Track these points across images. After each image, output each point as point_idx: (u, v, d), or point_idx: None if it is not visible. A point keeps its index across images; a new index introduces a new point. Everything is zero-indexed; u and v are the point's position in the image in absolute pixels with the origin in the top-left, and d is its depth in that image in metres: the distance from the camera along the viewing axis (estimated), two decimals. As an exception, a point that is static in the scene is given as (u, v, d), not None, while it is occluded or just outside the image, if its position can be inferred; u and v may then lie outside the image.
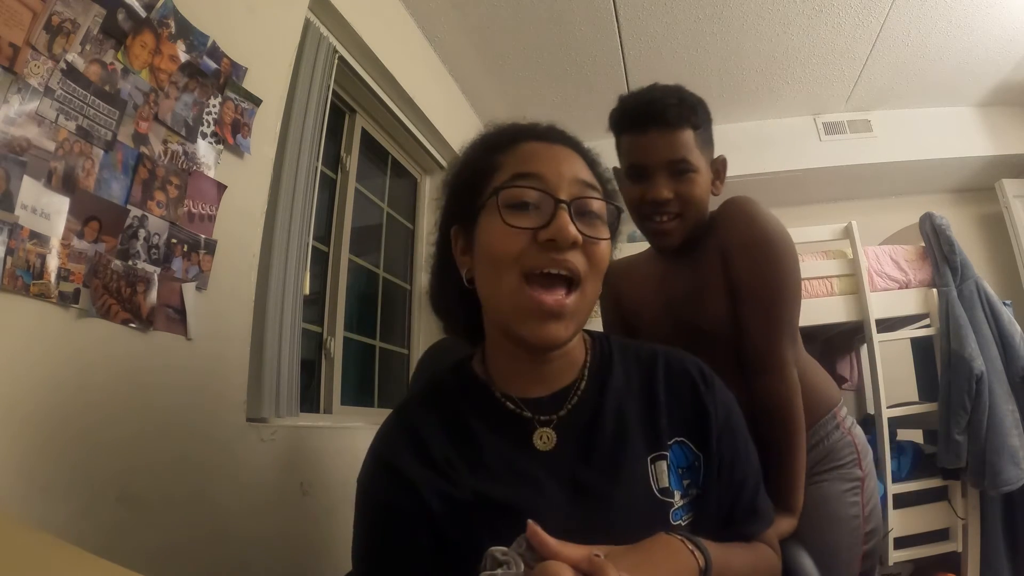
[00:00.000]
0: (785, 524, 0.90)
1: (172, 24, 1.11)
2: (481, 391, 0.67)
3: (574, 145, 0.68)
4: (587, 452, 0.62)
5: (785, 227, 0.99)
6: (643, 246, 1.14)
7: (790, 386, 0.94)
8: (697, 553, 0.54)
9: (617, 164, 1.04)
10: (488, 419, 0.64)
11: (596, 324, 0.97)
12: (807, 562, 0.85)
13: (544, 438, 0.63)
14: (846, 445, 1.02)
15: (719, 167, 1.04)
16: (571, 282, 0.59)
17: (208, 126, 1.20)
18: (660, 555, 0.53)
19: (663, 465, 0.61)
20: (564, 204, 0.59)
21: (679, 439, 0.64)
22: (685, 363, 0.69)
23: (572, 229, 0.57)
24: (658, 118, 0.95)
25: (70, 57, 0.92)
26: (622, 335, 1.12)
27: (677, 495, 0.61)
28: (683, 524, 0.61)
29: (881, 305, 2.27)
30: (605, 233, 0.62)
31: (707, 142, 1.01)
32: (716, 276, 0.99)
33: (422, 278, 2.61)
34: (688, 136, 0.96)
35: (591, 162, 0.68)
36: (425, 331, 2.55)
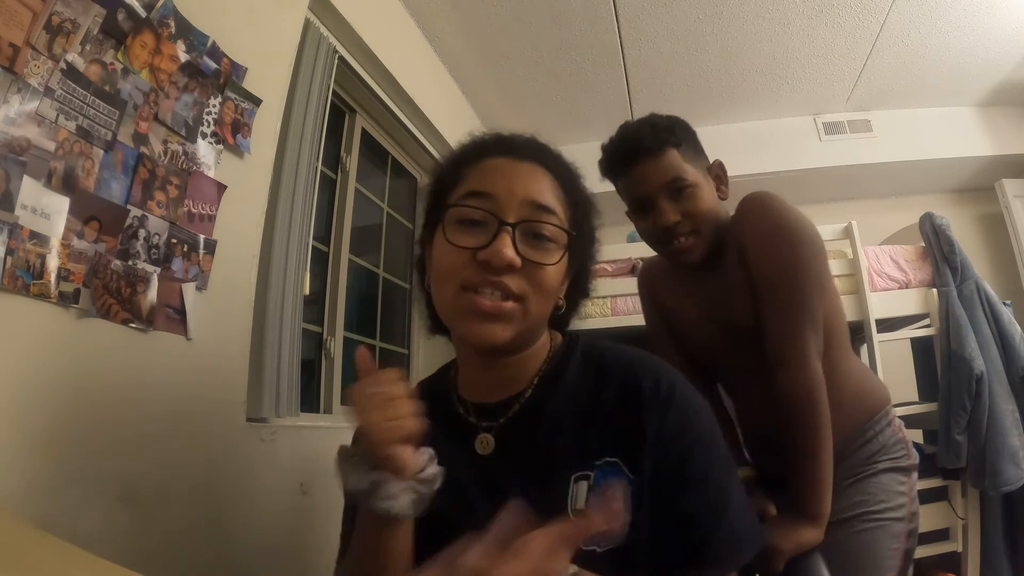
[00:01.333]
0: (807, 534, 0.86)
1: (172, 24, 1.11)
2: (446, 395, 0.71)
3: (546, 162, 0.65)
4: (519, 462, 0.62)
5: (805, 217, 0.97)
6: (642, 246, 1.14)
7: (812, 379, 0.90)
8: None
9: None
10: (443, 421, 0.66)
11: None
12: (824, 572, 0.84)
13: (484, 443, 0.65)
14: (898, 442, 1.02)
15: (718, 171, 1.05)
16: (512, 297, 0.60)
17: (208, 126, 1.20)
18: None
19: (584, 486, 0.58)
20: (508, 227, 0.59)
21: (611, 459, 0.59)
22: (641, 377, 0.62)
23: (508, 252, 0.57)
24: (638, 149, 0.98)
25: (70, 57, 0.92)
26: (666, 338, 1.16)
27: None
28: (598, 551, 0.55)
29: (881, 305, 2.27)
30: (552, 258, 0.61)
31: (695, 155, 1.02)
32: (739, 273, 0.98)
33: (422, 278, 2.60)
34: (673, 156, 0.98)
35: (565, 180, 0.66)
36: (425, 331, 2.55)
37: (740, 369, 1.07)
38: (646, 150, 0.98)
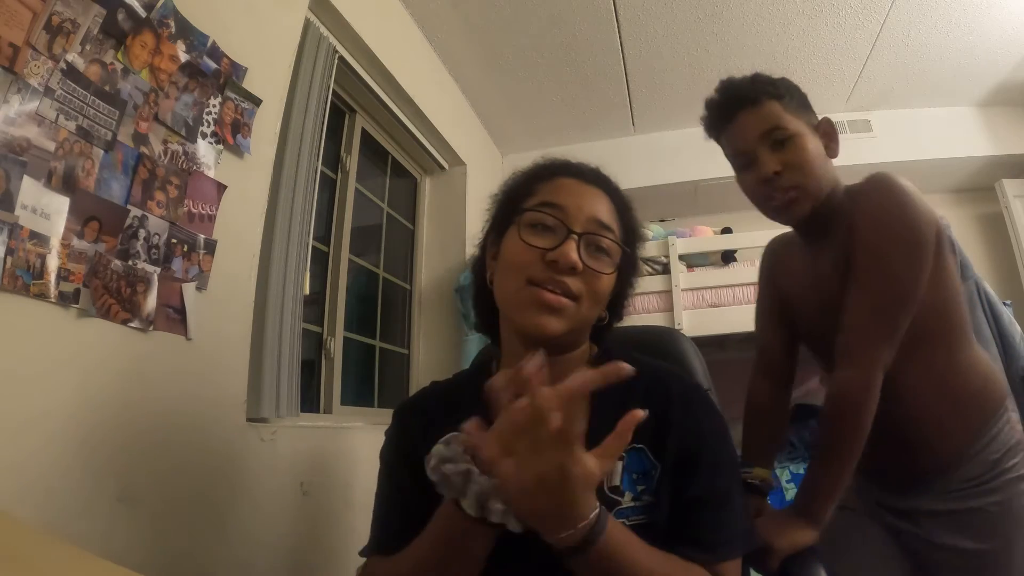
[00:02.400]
0: (801, 535, 0.86)
1: (172, 24, 1.11)
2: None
3: (607, 189, 0.75)
4: None
5: (929, 216, 0.91)
6: (647, 245, 1.13)
7: (869, 386, 0.86)
8: (595, 511, 0.53)
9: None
10: (485, 411, 0.66)
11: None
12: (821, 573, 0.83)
13: None
14: (1018, 444, 0.93)
15: (827, 128, 1.00)
16: (569, 295, 0.67)
17: (208, 126, 1.20)
18: (561, 485, 0.52)
19: (618, 466, 0.66)
20: (575, 235, 0.67)
21: (638, 445, 0.67)
22: (670, 380, 0.72)
23: (574, 255, 0.66)
24: (739, 100, 0.96)
25: (70, 57, 0.92)
26: (768, 316, 1.15)
27: (628, 496, 0.66)
28: (626, 523, 0.63)
29: (881, 305, 2.27)
30: (607, 268, 0.69)
31: (800, 108, 0.98)
32: (844, 251, 0.93)
33: (422, 278, 2.61)
34: (774, 106, 0.94)
35: (620, 207, 0.75)
36: (425, 331, 2.55)
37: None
38: (745, 99, 0.96)
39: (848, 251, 0.92)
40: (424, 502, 0.63)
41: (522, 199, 0.73)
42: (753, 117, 0.95)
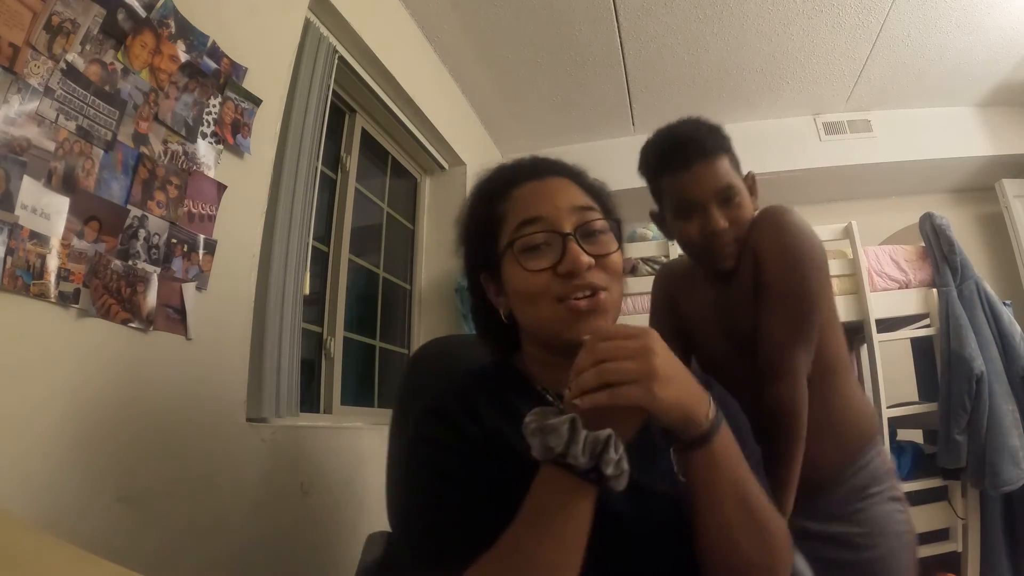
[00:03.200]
0: None
1: (172, 24, 1.11)
2: (525, 384, 0.72)
3: (562, 171, 0.73)
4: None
5: (818, 241, 1.00)
6: (643, 246, 1.15)
7: (799, 393, 0.95)
8: (714, 407, 0.57)
9: (652, 207, 1.09)
10: (531, 403, 0.64)
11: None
12: (800, 563, 0.84)
13: None
14: (886, 467, 1.07)
15: (751, 183, 1.06)
16: (597, 290, 0.66)
17: (208, 126, 1.20)
18: (688, 376, 0.57)
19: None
20: (571, 235, 0.65)
21: None
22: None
23: (583, 257, 0.64)
24: (698, 151, 0.98)
25: (70, 57, 0.92)
26: (673, 341, 1.18)
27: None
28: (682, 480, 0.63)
29: (881, 305, 2.27)
30: (612, 246, 0.68)
31: (737, 163, 1.04)
32: (751, 282, 1.01)
33: (422, 278, 2.61)
34: (724, 163, 0.99)
35: (583, 182, 0.73)
36: (425, 331, 2.55)
37: (736, 380, 1.06)
38: (705, 151, 0.98)
39: (756, 280, 0.99)
40: (493, 504, 0.58)
41: (496, 227, 0.70)
42: (709, 171, 0.98)
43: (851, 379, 1.08)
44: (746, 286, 1.01)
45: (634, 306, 2.27)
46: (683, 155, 0.99)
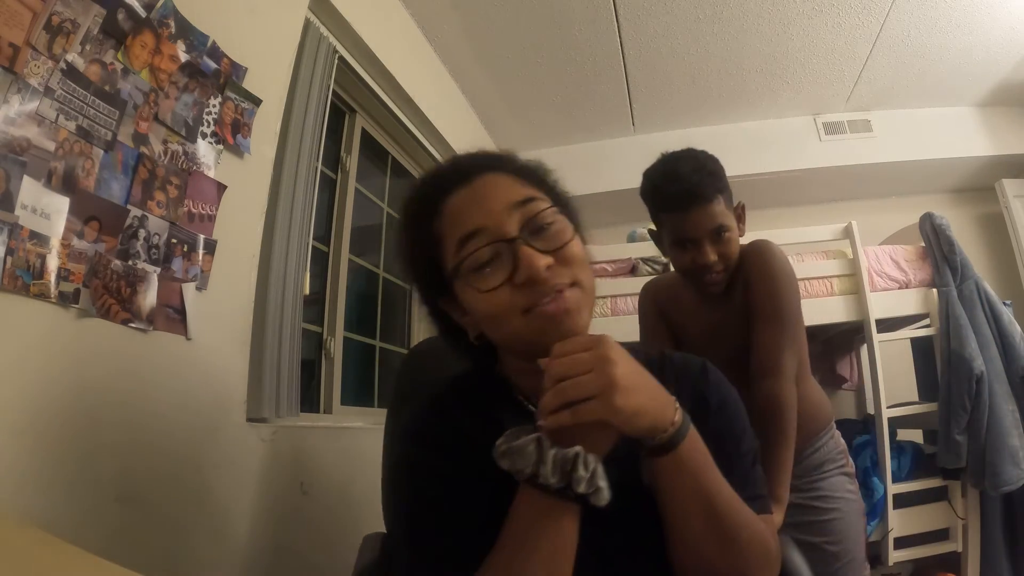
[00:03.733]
0: (775, 518, 0.93)
1: (172, 24, 1.11)
2: (508, 393, 0.69)
3: (489, 165, 0.66)
4: None
5: (792, 268, 1.20)
6: (643, 246, 1.17)
7: (790, 388, 1.08)
8: (680, 412, 0.56)
9: (651, 225, 1.22)
10: (513, 414, 0.65)
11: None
12: (796, 558, 0.85)
13: None
14: (839, 448, 1.27)
15: (740, 213, 1.18)
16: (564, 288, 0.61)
17: (208, 126, 1.20)
18: (651, 381, 0.56)
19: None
20: (518, 239, 0.59)
21: None
22: (688, 362, 0.73)
23: (538, 260, 0.57)
24: (697, 197, 1.08)
25: (70, 57, 0.92)
26: (667, 344, 1.30)
27: None
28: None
29: (881, 305, 2.27)
30: (567, 233, 0.62)
31: (730, 197, 1.14)
32: (743, 302, 1.17)
33: (422, 278, 2.61)
34: (719, 203, 1.09)
35: (514, 168, 0.66)
36: (425, 331, 2.55)
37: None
38: (704, 197, 1.08)
39: (749, 301, 1.16)
40: (481, 512, 0.57)
41: (435, 250, 0.64)
42: (705, 215, 1.09)
43: (809, 375, 1.25)
44: (739, 306, 1.17)
45: (634, 306, 2.27)
46: (682, 200, 1.08)
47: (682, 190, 1.08)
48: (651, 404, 0.54)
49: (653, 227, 1.21)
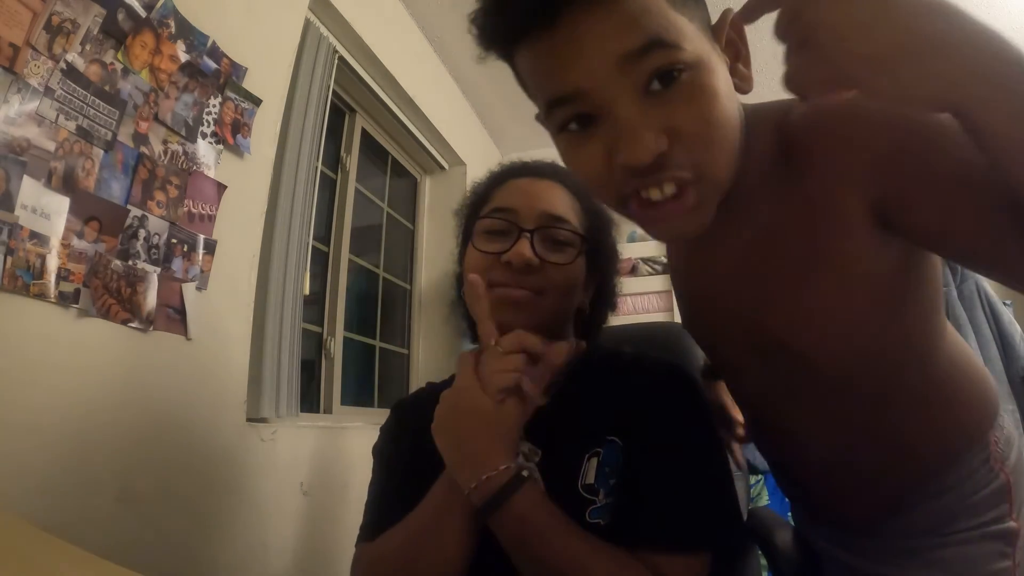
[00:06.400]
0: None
1: (172, 24, 1.11)
2: None
3: (563, 179, 0.73)
4: (541, 443, 0.64)
5: None
6: (643, 246, 1.14)
7: None
8: (507, 466, 0.57)
9: None
10: None
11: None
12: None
13: None
14: (996, 487, 0.61)
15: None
16: (531, 291, 0.67)
17: (208, 126, 1.20)
18: (489, 437, 0.59)
19: (595, 462, 0.63)
20: (527, 233, 0.67)
21: (613, 438, 0.64)
22: (654, 370, 0.69)
23: (526, 252, 0.66)
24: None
25: (70, 57, 0.92)
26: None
27: (601, 493, 0.61)
28: (601, 524, 0.60)
29: (881, 305, 2.27)
30: (567, 259, 0.68)
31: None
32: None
33: (422, 278, 2.61)
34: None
35: (581, 196, 0.73)
36: (425, 331, 2.55)
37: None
38: None
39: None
40: (419, 495, 0.63)
41: (480, 206, 0.74)
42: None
43: (945, 319, 0.66)
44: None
45: (634, 306, 2.27)
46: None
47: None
48: (465, 458, 0.59)
49: None
